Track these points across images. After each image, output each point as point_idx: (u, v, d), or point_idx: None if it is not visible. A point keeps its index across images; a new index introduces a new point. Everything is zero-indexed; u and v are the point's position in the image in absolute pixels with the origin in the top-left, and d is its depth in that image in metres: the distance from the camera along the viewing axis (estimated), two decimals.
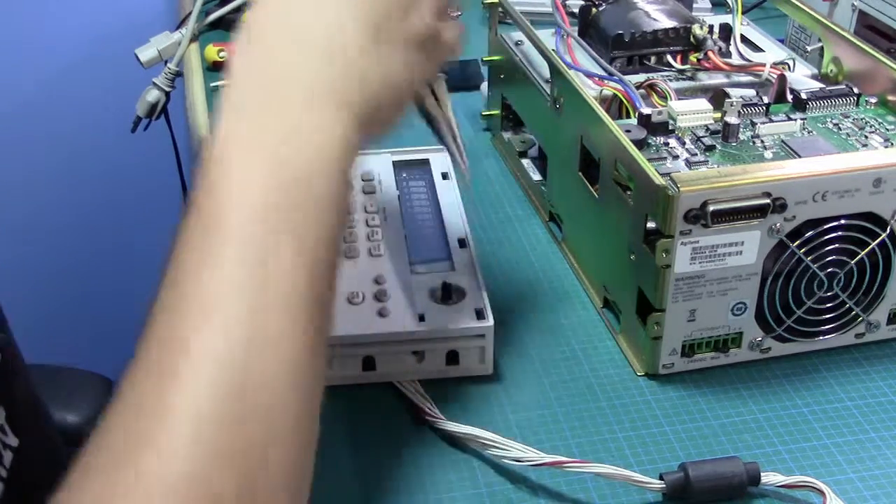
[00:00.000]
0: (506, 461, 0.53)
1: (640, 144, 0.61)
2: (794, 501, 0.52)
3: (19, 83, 1.39)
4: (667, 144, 0.62)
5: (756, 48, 0.75)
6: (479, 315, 0.58)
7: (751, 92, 0.68)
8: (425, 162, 0.71)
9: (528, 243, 0.72)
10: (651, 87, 0.69)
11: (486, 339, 0.58)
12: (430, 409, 0.56)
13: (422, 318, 0.58)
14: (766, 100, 0.65)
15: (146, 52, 1.02)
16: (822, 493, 0.50)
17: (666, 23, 0.72)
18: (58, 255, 1.51)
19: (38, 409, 0.56)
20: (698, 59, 0.71)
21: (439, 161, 0.70)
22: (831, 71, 0.71)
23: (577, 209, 0.68)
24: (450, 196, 0.68)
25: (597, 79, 0.69)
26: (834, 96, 0.66)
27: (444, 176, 0.69)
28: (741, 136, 0.62)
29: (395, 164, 0.70)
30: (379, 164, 0.70)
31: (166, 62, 1.02)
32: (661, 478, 0.51)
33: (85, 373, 0.99)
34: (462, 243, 0.63)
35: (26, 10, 1.36)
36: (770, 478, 0.51)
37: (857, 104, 0.66)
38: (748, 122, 0.64)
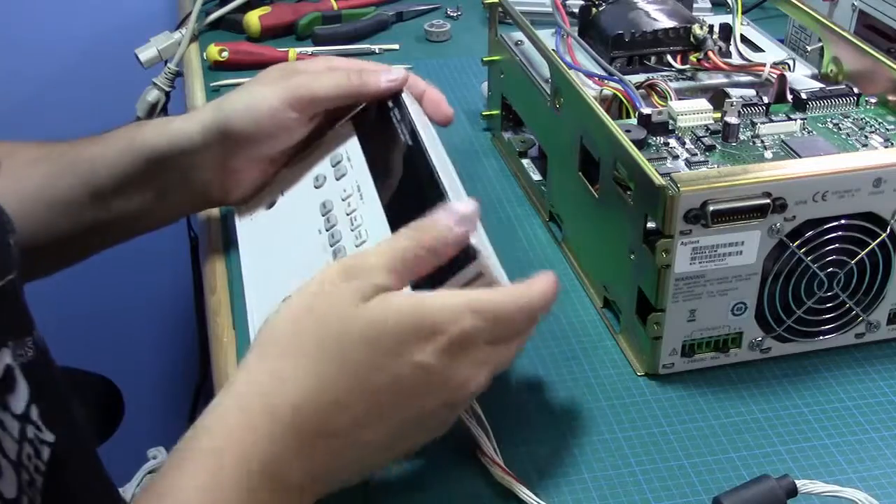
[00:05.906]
0: None
1: (640, 144, 0.61)
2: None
3: (19, 83, 1.39)
4: (667, 144, 0.62)
5: (756, 48, 0.75)
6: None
7: (751, 92, 0.68)
8: None
9: (528, 243, 0.72)
10: (651, 87, 0.69)
11: None
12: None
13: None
14: (766, 100, 0.65)
15: (146, 52, 1.02)
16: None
17: (666, 23, 0.72)
18: None
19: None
20: (698, 59, 0.71)
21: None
22: (831, 71, 0.71)
23: (577, 209, 0.68)
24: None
25: (597, 79, 0.70)
26: (834, 96, 0.66)
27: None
28: (741, 136, 0.62)
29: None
30: (346, 144, 0.63)
31: (166, 62, 1.02)
32: None
33: (85, 373, 0.99)
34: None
35: (26, 10, 1.36)
36: (807, 486, 0.50)
37: (857, 104, 0.66)
38: (748, 122, 0.64)
